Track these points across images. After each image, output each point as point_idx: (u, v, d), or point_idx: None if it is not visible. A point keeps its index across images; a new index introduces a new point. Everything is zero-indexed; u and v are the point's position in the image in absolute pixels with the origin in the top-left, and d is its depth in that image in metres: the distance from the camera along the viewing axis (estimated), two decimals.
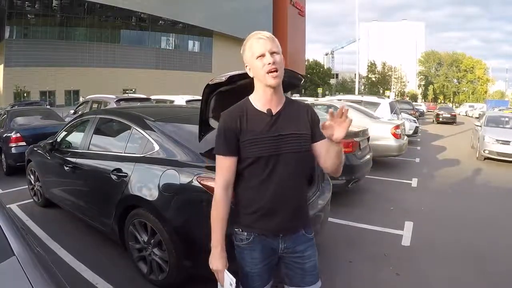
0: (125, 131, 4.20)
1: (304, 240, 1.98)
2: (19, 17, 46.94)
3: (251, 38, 1.84)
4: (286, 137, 1.84)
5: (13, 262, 1.46)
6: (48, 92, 48.36)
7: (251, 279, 1.97)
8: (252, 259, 1.95)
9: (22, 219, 5.43)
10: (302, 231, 1.97)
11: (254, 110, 1.88)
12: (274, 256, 1.98)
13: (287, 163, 1.85)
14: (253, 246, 1.94)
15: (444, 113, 30.68)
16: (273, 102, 1.87)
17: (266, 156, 1.83)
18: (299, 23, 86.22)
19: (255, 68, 1.83)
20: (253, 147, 1.83)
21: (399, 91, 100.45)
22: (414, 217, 5.65)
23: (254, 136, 1.83)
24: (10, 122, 9.20)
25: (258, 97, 1.89)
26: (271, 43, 1.80)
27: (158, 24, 59.85)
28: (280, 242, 1.93)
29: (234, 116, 1.88)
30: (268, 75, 1.78)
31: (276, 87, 1.84)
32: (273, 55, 1.79)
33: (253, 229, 1.93)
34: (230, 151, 1.86)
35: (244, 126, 1.85)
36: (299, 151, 1.88)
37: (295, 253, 1.96)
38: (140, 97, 13.66)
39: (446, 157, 12.19)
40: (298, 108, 1.96)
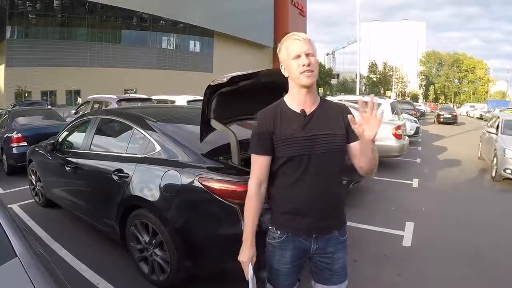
0: (126, 132, 4.20)
1: (336, 242, 1.98)
2: (20, 17, 46.94)
3: (288, 39, 1.87)
4: (320, 137, 1.85)
5: (16, 263, 1.47)
6: (49, 92, 48.37)
7: (279, 278, 2.00)
8: (281, 257, 1.97)
9: (23, 219, 5.44)
10: (336, 232, 1.97)
11: (288, 110, 1.91)
12: (304, 258, 2.01)
13: (321, 163, 1.86)
14: (285, 245, 1.96)
15: (445, 114, 30.67)
16: (307, 102, 1.89)
17: (299, 155, 1.85)
18: (300, 23, 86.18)
19: (290, 68, 1.85)
20: (286, 146, 1.85)
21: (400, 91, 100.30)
22: (415, 217, 5.65)
23: (287, 136, 1.85)
24: (12, 122, 9.21)
25: (292, 97, 1.92)
26: (307, 45, 1.82)
27: (159, 24, 59.84)
28: (313, 242, 1.94)
29: (268, 115, 1.92)
30: (302, 75, 1.80)
31: (310, 87, 1.87)
32: (308, 57, 1.81)
33: (286, 228, 1.94)
34: (263, 150, 1.90)
35: (278, 126, 1.88)
36: (333, 151, 1.89)
37: (325, 254, 1.98)
38: (141, 97, 13.67)
39: (447, 157, 12.18)
40: (333, 108, 1.98)
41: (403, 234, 5.00)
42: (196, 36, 65.40)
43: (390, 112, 11.61)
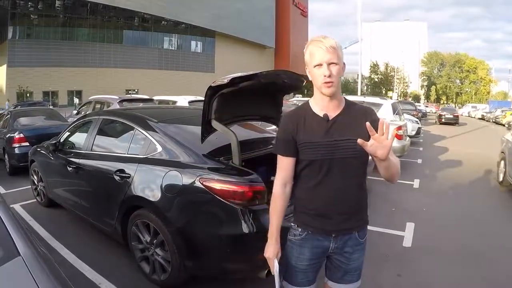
0: (128, 132, 4.22)
1: (355, 243, 2.01)
2: (22, 18, 47.13)
3: (313, 43, 1.84)
4: (342, 142, 1.86)
5: (19, 262, 1.48)
6: (51, 92, 48.48)
7: (295, 275, 2.04)
8: (300, 254, 2.01)
9: (25, 219, 5.45)
10: (355, 234, 2.00)
11: (312, 113, 1.93)
12: (322, 258, 2.05)
13: (342, 167, 1.89)
14: (304, 243, 2.00)
15: (447, 114, 30.59)
16: (330, 107, 1.90)
17: (320, 159, 1.88)
18: (301, 24, 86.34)
19: (312, 75, 1.86)
20: (308, 150, 1.89)
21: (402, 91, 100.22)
22: (415, 218, 5.66)
23: (309, 139, 1.89)
24: (13, 123, 9.22)
25: (316, 102, 1.94)
26: (331, 53, 1.79)
27: (160, 24, 60.00)
28: (332, 242, 1.98)
29: (293, 118, 1.96)
30: (323, 85, 1.81)
31: (331, 95, 1.86)
32: (330, 66, 1.79)
33: (308, 227, 1.99)
34: (287, 151, 1.95)
35: (301, 129, 1.91)
36: (354, 157, 1.89)
37: (343, 254, 2.01)
38: (143, 97, 13.68)
39: (449, 158, 12.17)
40: (357, 112, 1.95)
41: (403, 235, 5.01)
42: (197, 37, 65.57)
43: (391, 113, 11.62)
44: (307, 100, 2.01)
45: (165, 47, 62.62)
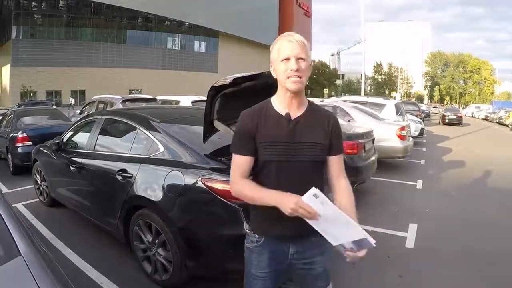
0: (130, 132, 4.22)
1: (314, 246, 1.92)
2: (25, 17, 47.35)
3: (281, 39, 1.80)
4: (303, 145, 1.80)
5: (20, 261, 1.48)
6: (54, 92, 48.64)
7: (254, 282, 1.95)
8: (258, 262, 1.93)
9: (27, 218, 5.47)
10: (313, 238, 1.89)
11: (274, 111, 1.85)
12: (282, 264, 1.95)
13: (300, 170, 1.82)
14: (262, 250, 1.92)
15: (450, 115, 30.53)
16: (293, 106, 1.83)
17: (280, 161, 1.81)
18: (305, 24, 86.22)
19: (277, 70, 1.79)
20: (268, 150, 1.80)
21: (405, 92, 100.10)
22: (418, 219, 5.65)
23: (270, 139, 1.80)
24: (17, 122, 9.28)
25: (279, 99, 1.85)
26: (300, 48, 1.74)
27: (164, 24, 60.18)
28: (290, 247, 1.91)
29: (253, 115, 1.86)
30: (289, 79, 1.74)
31: (297, 92, 1.79)
32: (298, 61, 1.73)
33: (264, 232, 1.91)
34: (245, 150, 1.83)
35: (261, 128, 1.82)
36: (314, 161, 1.85)
37: (304, 259, 1.93)
38: (146, 97, 13.71)
39: (452, 158, 12.13)
40: (320, 115, 1.90)
41: (406, 236, 4.99)
42: (201, 37, 65.70)
43: (394, 113, 11.61)
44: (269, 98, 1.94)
45: (169, 47, 62.82)
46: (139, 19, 57.71)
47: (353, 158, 6.28)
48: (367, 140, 6.90)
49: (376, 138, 7.77)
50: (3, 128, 10.10)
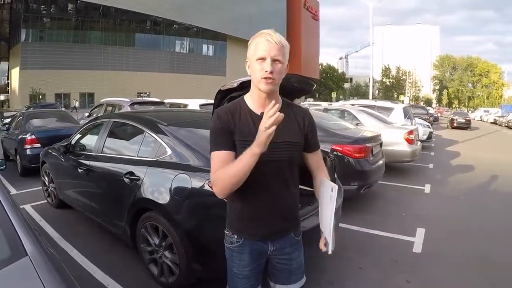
0: (138, 135, 4.24)
1: (292, 242, 1.99)
2: (34, 21, 47.81)
3: (261, 36, 1.74)
4: (278, 144, 1.76)
5: (26, 262, 1.48)
6: (63, 95, 48.97)
7: (239, 281, 1.97)
8: (240, 261, 1.95)
9: (35, 220, 5.51)
10: (290, 233, 1.98)
11: (248, 110, 1.83)
12: (263, 260, 1.99)
13: (277, 170, 1.82)
14: (242, 249, 1.93)
15: (459, 118, 30.31)
16: (266, 105, 1.72)
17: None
18: (313, 27, 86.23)
19: (253, 68, 1.76)
20: (243, 149, 1.71)
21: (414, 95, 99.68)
22: (426, 223, 5.59)
23: (245, 138, 1.75)
24: (25, 124, 9.36)
25: (253, 98, 1.84)
26: (277, 49, 1.70)
27: (172, 28, 60.39)
28: (270, 245, 1.94)
29: (227, 113, 1.82)
30: (262, 80, 1.71)
31: (268, 93, 1.77)
32: (274, 63, 1.71)
33: (243, 233, 1.92)
34: (224, 144, 1.77)
35: (237, 126, 1.80)
36: (290, 159, 1.85)
37: (283, 255, 1.97)
38: (154, 100, 13.71)
39: (460, 163, 12.04)
40: (295, 113, 1.89)
41: (413, 240, 4.94)
42: (209, 40, 65.89)
43: (402, 117, 11.57)
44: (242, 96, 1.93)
45: (177, 50, 63.04)
46: (148, 22, 57.98)
47: (360, 162, 6.25)
48: (374, 144, 6.86)
49: (384, 142, 7.74)
50: (12, 130, 10.20)
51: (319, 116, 7.74)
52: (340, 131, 6.85)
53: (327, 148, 6.05)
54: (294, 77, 3.42)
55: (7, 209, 1.76)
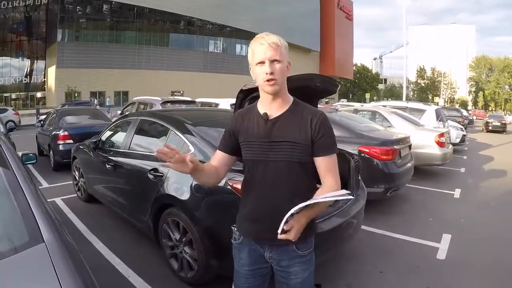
0: (163, 133, 4.33)
1: (292, 255, 1.86)
2: (70, 21, 49.17)
3: (255, 41, 1.78)
4: (278, 144, 1.77)
5: (42, 248, 1.53)
6: (98, 93, 50.08)
7: (238, 279, 2.02)
8: (240, 259, 1.99)
9: (64, 212, 5.73)
10: (292, 246, 1.83)
11: (256, 112, 1.87)
12: (264, 265, 1.94)
13: (276, 171, 1.79)
14: (242, 247, 1.97)
15: (494, 121, 29.35)
16: (273, 107, 1.81)
17: (255, 160, 1.83)
18: (346, 27, 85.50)
19: (255, 73, 1.79)
20: (246, 149, 1.85)
21: (449, 97, 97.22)
22: (453, 229, 5.44)
23: (247, 138, 1.85)
24: (59, 121, 9.69)
25: (262, 101, 1.87)
26: (273, 50, 1.71)
27: (206, 28, 60.86)
28: (266, 250, 1.89)
29: (237, 116, 1.94)
30: (265, 83, 1.73)
31: (275, 94, 1.77)
32: (273, 64, 1.71)
33: (241, 230, 1.96)
34: (223, 145, 1.95)
35: (242, 127, 1.87)
36: (290, 161, 1.78)
37: (280, 267, 1.89)
38: (185, 99, 13.86)
39: (494, 167, 11.65)
40: (302, 115, 1.81)
41: (438, 246, 4.80)
42: (242, 40, 66.00)
43: (434, 119, 11.32)
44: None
45: (210, 50, 63.52)
46: (182, 22, 58.61)
47: (387, 164, 6.16)
48: (403, 146, 6.75)
49: (414, 145, 7.61)
50: (46, 127, 10.54)
51: (348, 117, 7.68)
52: (368, 132, 6.76)
53: (354, 150, 5.99)
54: (317, 78, 3.41)
55: (29, 198, 1.83)
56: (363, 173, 4.63)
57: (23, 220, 1.73)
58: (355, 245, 4.44)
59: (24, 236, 1.65)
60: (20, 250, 1.54)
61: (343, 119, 7.21)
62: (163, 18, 55.53)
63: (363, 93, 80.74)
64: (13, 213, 1.81)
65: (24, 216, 1.73)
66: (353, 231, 3.94)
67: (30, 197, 1.84)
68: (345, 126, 6.74)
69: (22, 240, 1.62)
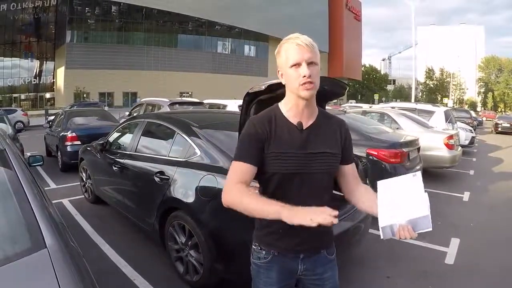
0: (170, 136, 4.32)
1: (325, 261, 1.83)
2: (79, 22, 49.61)
3: (289, 41, 1.65)
4: (317, 155, 1.68)
5: (44, 254, 1.50)
6: (107, 94, 50.37)
7: None
8: (268, 278, 1.80)
9: (71, 214, 5.75)
10: (324, 252, 1.82)
11: (285, 120, 1.71)
12: (291, 280, 1.83)
13: (314, 182, 1.70)
14: (271, 265, 1.78)
15: (504, 123, 28.99)
16: (304, 114, 1.69)
17: (292, 173, 1.67)
18: (355, 28, 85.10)
19: (288, 76, 1.64)
20: (280, 161, 1.66)
21: (458, 98, 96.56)
22: (461, 233, 5.37)
23: (281, 149, 1.66)
24: (67, 122, 9.71)
25: (289, 107, 1.71)
26: (310, 52, 1.60)
27: (214, 29, 60.95)
28: (300, 263, 1.78)
29: (264, 123, 1.70)
30: (302, 86, 1.59)
31: (309, 99, 1.66)
32: (310, 66, 1.59)
33: (273, 247, 1.77)
34: (251, 157, 1.66)
35: (272, 136, 1.67)
36: (328, 172, 1.74)
37: (315, 275, 1.81)
38: (193, 101, 13.85)
39: (504, 170, 11.51)
40: (331, 124, 1.77)
41: (446, 251, 4.75)
42: (251, 41, 66.10)
43: (443, 121, 11.22)
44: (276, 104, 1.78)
45: (219, 51, 63.61)
46: (190, 23, 58.75)
47: (396, 167, 6.09)
48: (411, 148, 6.69)
49: (422, 147, 7.54)
50: (54, 127, 10.61)
51: (356, 119, 7.64)
52: (376, 135, 6.71)
53: (362, 152, 5.95)
54: (325, 80, 3.37)
55: (32, 202, 1.80)
56: (371, 176, 4.59)
57: (25, 225, 1.71)
58: (362, 249, 4.39)
59: (26, 241, 1.64)
60: (22, 256, 1.51)
61: (352, 121, 7.16)
62: (171, 19, 55.74)
63: (371, 94, 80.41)
64: (15, 218, 1.79)
65: (26, 221, 1.71)
66: (361, 235, 3.90)
67: (33, 201, 1.81)
68: (354, 128, 6.68)
69: (24, 246, 1.60)
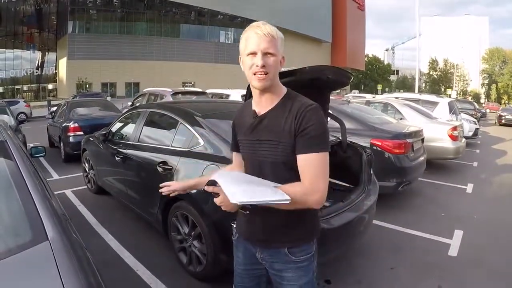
0: (173, 126, 4.30)
1: (285, 260, 1.73)
2: (81, 13, 49.38)
3: (250, 29, 1.62)
4: (263, 143, 1.67)
5: (45, 246, 1.49)
6: (109, 84, 50.29)
7: (235, 277, 1.98)
8: (237, 257, 1.95)
9: (75, 204, 5.75)
10: (283, 249, 1.72)
11: (249, 108, 1.77)
12: (258, 266, 1.85)
13: (262, 171, 1.68)
14: (238, 245, 1.94)
15: (507, 115, 28.82)
16: (262, 102, 1.68)
17: (247, 159, 1.79)
18: (358, 18, 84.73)
19: (244, 64, 1.64)
20: (241, 147, 1.82)
21: (461, 89, 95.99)
22: (465, 225, 5.34)
23: (240, 136, 1.81)
24: (69, 113, 9.68)
25: (253, 96, 1.74)
26: (268, 41, 1.56)
27: (217, 18, 60.60)
28: (258, 251, 1.81)
29: (238, 112, 1.91)
30: (254, 76, 1.59)
31: (262, 89, 1.63)
32: (266, 57, 1.57)
33: (237, 228, 1.94)
34: (232, 146, 1.94)
35: (237, 124, 1.85)
36: (275, 161, 1.65)
37: (273, 270, 1.79)
38: (196, 90, 13.79)
39: (507, 162, 11.44)
40: (289, 110, 1.62)
41: (450, 242, 4.72)
42: None
43: (447, 112, 11.14)
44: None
45: (222, 41, 63.27)
46: (192, 13, 58.43)
47: (400, 158, 6.06)
48: (415, 139, 6.64)
49: (426, 138, 7.49)
50: (57, 118, 10.60)
51: (360, 109, 7.59)
52: (380, 125, 6.67)
53: (366, 142, 5.93)
54: (329, 70, 3.35)
55: (33, 193, 1.78)
56: (375, 166, 4.55)
57: (26, 217, 1.69)
58: (366, 240, 4.37)
59: (28, 233, 1.62)
60: (23, 248, 1.49)
61: (355, 111, 7.13)
62: (173, 8, 55.43)
63: (374, 84, 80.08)
64: (16, 210, 1.77)
65: (27, 213, 1.69)
66: (365, 226, 3.88)
67: (34, 192, 1.79)
68: (357, 118, 6.67)
69: (26, 238, 1.58)
